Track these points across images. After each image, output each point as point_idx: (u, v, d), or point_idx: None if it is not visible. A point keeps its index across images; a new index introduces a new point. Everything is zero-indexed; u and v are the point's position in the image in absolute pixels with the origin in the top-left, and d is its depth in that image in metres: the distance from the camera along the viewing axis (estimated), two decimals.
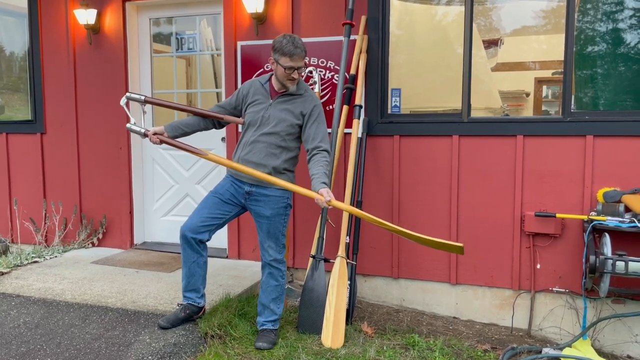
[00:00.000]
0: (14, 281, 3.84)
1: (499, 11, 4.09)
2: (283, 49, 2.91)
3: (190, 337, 3.05)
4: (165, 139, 3.10)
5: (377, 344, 3.22)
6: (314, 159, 2.98)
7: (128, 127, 3.22)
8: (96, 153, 4.78)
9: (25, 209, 5.02)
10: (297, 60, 2.92)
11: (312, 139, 3.02)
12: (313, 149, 3.01)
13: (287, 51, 2.90)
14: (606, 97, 3.70)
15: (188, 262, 3.12)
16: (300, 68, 2.97)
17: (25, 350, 2.86)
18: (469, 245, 3.76)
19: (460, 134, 3.76)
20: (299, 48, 2.92)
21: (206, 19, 4.63)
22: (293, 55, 2.90)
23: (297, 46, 2.91)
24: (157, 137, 3.09)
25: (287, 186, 2.98)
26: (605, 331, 3.52)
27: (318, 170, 2.92)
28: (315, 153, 3.00)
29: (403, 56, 4.10)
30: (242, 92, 3.17)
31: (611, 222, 3.23)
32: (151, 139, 3.10)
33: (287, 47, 2.90)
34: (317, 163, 2.96)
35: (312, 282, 3.45)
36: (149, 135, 3.10)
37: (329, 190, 2.84)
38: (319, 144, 3.01)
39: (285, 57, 2.92)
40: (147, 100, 3.26)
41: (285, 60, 2.92)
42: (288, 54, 2.90)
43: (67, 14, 4.74)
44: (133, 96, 3.25)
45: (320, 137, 3.03)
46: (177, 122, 3.18)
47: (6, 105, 5.36)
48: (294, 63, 2.92)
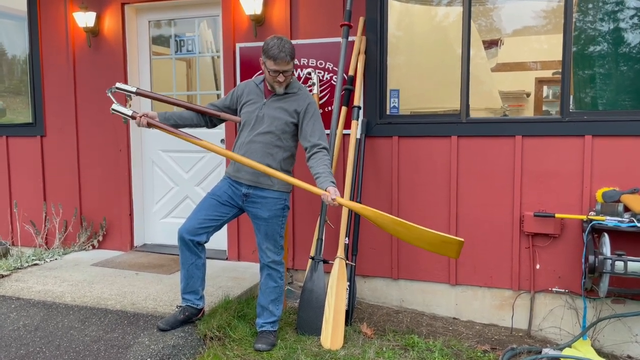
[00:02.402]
0: (14, 284, 3.85)
1: (499, 11, 4.09)
2: (269, 51, 2.90)
3: (189, 339, 3.05)
4: (154, 122, 3.05)
5: (376, 345, 3.21)
6: (315, 157, 2.97)
7: (113, 108, 3.11)
8: (96, 155, 4.79)
9: (25, 211, 5.03)
10: (281, 64, 2.90)
11: (309, 137, 3.02)
12: (312, 146, 3.00)
13: (272, 54, 2.89)
14: (605, 97, 3.69)
15: (186, 264, 3.12)
16: (286, 72, 2.94)
17: (24, 353, 2.86)
18: (468, 245, 3.75)
19: (459, 134, 3.76)
20: (284, 52, 2.88)
21: (206, 20, 4.64)
22: (277, 59, 2.88)
23: (282, 50, 2.88)
24: (145, 119, 3.03)
25: (294, 182, 2.96)
26: (605, 331, 3.51)
27: (323, 169, 2.91)
28: (315, 151, 2.99)
29: (402, 57, 4.10)
30: (236, 92, 3.18)
31: (610, 222, 3.23)
32: (139, 120, 3.03)
33: (273, 51, 2.88)
34: (320, 161, 2.95)
35: (312, 283, 3.45)
36: (137, 117, 3.04)
37: (336, 189, 2.84)
38: (318, 142, 3.01)
39: (270, 60, 2.91)
40: (139, 92, 3.17)
41: (270, 63, 2.92)
42: (272, 57, 2.89)
43: (66, 16, 4.76)
44: (123, 87, 3.15)
45: (318, 134, 3.03)
46: (170, 112, 3.17)
47: (8, 108, 5.38)
48: (278, 67, 2.91)
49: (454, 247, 2.87)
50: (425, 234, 2.88)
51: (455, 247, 2.86)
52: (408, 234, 2.92)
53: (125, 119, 3.15)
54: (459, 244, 2.85)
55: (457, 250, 2.87)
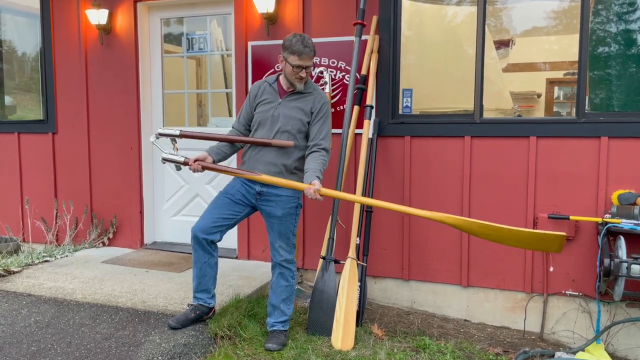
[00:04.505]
0: (25, 280, 3.86)
1: (509, 12, 4.06)
2: (292, 47, 2.93)
3: (200, 338, 3.05)
4: (209, 165, 3.00)
5: (387, 346, 3.19)
6: (311, 155, 3.00)
7: (163, 157, 3.02)
8: (107, 153, 4.80)
9: (36, 208, 5.05)
10: (305, 60, 2.94)
11: (314, 136, 3.03)
12: (313, 145, 3.02)
13: (296, 50, 2.92)
14: (621, 98, 3.65)
15: (199, 262, 3.11)
16: (308, 67, 2.98)
17: (36, 350, 2.86)
18: (480, 247, 3.73)
19: (472, 134, 3.73)
20: (308, 47, 2.94)
21: (216, 19, 4.63)
22: (302, 54, 2.92)
23: (307, 45, 2.93)
24: (198, 164, 2.97)
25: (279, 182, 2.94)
26: (619, 335, 3.47)
27: (314, 165, 2.93)
28: (314, 150, 3.01)
29: (414, 57, 4.08)
30: (251, 95, 3.17)
31: (626, 225, 3.19)
32: (193, 166, 2.98)
33: (297, 46, 2.92)
34: (314, 159, 2.97)
35: (322, 283, 3.43)
36: (190, 163, 2.98)
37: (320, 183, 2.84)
38: (320, 142, 3.02)
39: (294, 56, 2.93)
40: (182, 134, 3.04)
41: (294, 58, 2.93)
42: (297, 52, 2.92)
43: (79, 14, 4.77)
44: (166, 132, 3.03)
45: (323, 135, 3.04)
46: (217, 145, 3.13)
47: (18, 105, 5.41)
48: (302, 62, 2.93)
49: (554, 242, 2.69)
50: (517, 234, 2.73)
51: (557, 242, 2.67)
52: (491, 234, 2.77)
53: (178, 166, 3.05)
54: (560, 239, 2.66)
55: (559, 244, 2.68)
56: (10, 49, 5.34)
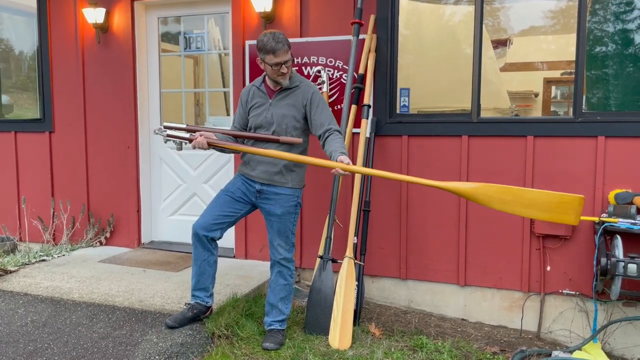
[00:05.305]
0: (22, 279, 3.85)
1: (507, 11, 4.06)
2: (266, 47, 2.90)
3: (197, 337, 3.04)
4: (214, 142, 2.97)
5: (384, 345, 3.19)
6: (329, 139, 2.94)
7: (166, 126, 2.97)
8: (104, 152, 4.79)
9: (33, 207, 5.04)
10: (281, 55, 2.91)
11: (320, 125, 3.00)
12: (325, 132, 2.98)
13: (270, 48, 2.89)
14: (618, 98, 3.65)
15: (199, 260, 3.11)
16: (287, 62, 2.94)
17: (32, 349, 2.86)
18: (477, 246, 3.73)
19: (470, 134, 3.73)
20: (281, 42, 2.90)
21: (214, 18, 4.62)
22: (276, 51, 2.89)
23: (279, 41, 2.89)
24: (204, 138, 2.93)
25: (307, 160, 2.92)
26: (615, 334, 3.48)
27: (335, 146, 2.87)
28: (328, 135, 2.97)
29: (411, 56, 4.08)
30: (242, 100, 3.17)
31: (623, 224, 3.19)
32: (197, 140, 2.91)
33: (270, 44, 2.89)
34: (333, 141, 2.91)
35: (320, 282, 3.43)
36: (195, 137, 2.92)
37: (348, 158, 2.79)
38: (330, 126, 2.99)
39: (269, 55, 2.91)
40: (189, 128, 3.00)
41: (270, 57, 2.91)
42: (271, 50, 2.89)
43: (75, 13, 4.75)
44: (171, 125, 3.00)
45: (329, 120, 3.02)
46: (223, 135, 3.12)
47: (15, 104, 5.39)
48: (279, 59, 2.91)
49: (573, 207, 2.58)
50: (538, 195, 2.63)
51: (575, 206, 2.57)
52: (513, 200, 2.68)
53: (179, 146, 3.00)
54: (578, 202, 2.56)
55: (577, 212, 2.58)
56: (7, 48, 5.32)
